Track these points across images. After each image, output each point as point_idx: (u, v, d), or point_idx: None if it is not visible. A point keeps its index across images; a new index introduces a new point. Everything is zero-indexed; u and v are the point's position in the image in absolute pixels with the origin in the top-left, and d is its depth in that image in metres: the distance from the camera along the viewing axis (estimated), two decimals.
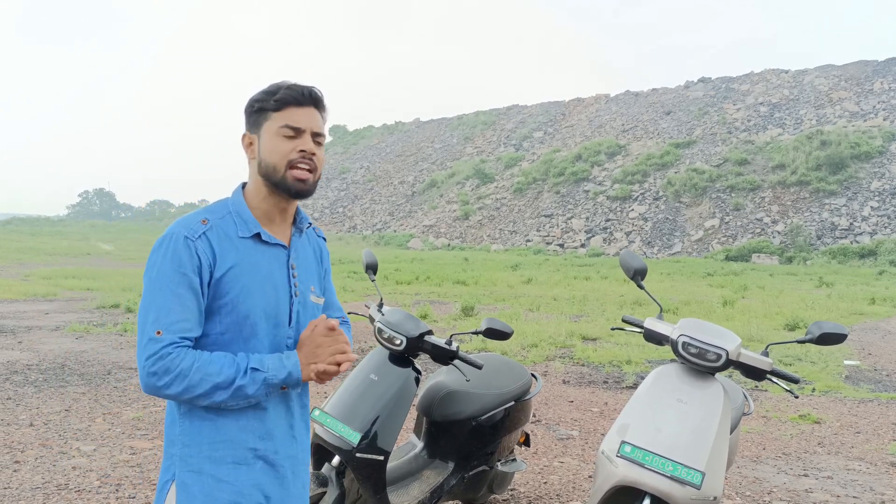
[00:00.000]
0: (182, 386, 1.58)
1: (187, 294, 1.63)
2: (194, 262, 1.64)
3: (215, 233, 1.69)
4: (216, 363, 1.62)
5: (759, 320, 12.29)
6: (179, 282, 1.63)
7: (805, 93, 48.74)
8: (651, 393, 2.68)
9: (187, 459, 1.69)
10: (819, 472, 4.84)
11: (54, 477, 4.31)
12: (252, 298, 1.71)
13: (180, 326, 1.61)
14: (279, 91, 1.74)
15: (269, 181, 1.74)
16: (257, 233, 1.75)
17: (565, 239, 40.88)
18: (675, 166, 43.54)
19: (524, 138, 59.37)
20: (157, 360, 1.58)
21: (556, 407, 6.45)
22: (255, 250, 1.74)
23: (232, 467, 1.70)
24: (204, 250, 1.66)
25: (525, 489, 4.31)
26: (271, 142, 1.73)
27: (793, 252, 32.70)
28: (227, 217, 1.74)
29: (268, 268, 1.76)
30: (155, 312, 1.61)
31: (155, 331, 1.59)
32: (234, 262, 1.70)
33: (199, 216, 1.72)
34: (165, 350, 1.58)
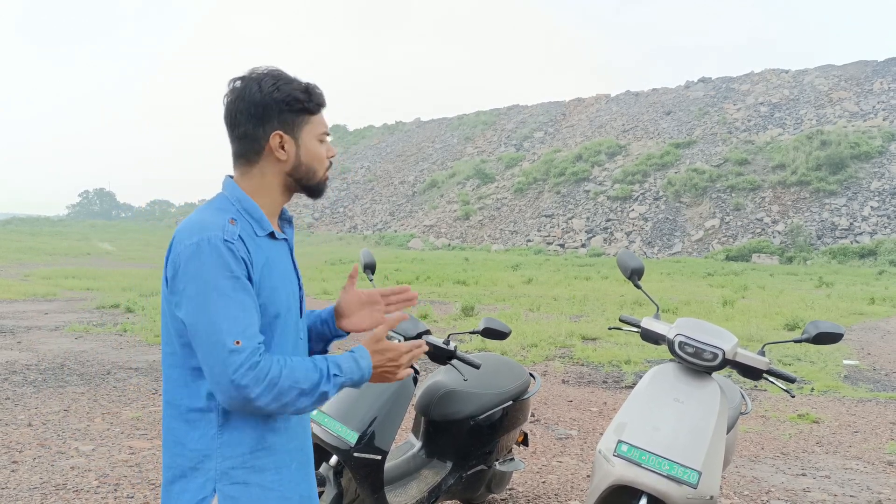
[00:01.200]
0: (273, 394, 1.52)
1: (247, 298, 1.56)
2: (241, 265, 1.57)
3: (244, 234, 1.62)
4: (300, 368, 1.57)
5: (759, 320, 12.28)
6: (234, 286, 1.54)
7: (805, 93, 48.72)
8: (648, 392, 2.69)
9: (230, 472, 1.61)
10: (817, 471, 4.85)
11: (52, 477, 4.31)
12: (279, 297, 1.67)
13: (253, 331, 1.54)
14: (314, 94, 1.70)
15: (299, 183, 1.73)
16: (271, 231, 1.70)
17: (566, 239, 40.87)
18: (676, 166, 43.53)
19: (525, 138, 59.36)
20: (247, 370, 1.49)
21: (555, 406, 6.46)
22: (271, 248, 1.69)
23: (274, 473, 1.66)
24: (243, 252, 1.59)
25: (524, 489, 4.32)
26: (314, 147, 1.71)
27: (793, 252, 32.69)
28: (239, 216, 1.66)
29: (283, 264, 1.73)
30: (225, 324, 1.51)
31: (233, 341, 1.50)
32: (262, 262, 1.64)
33: (222, 216, 1.62)
34: (251, 359, 1.50)
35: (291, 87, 1.66)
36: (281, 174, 1.71)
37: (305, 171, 1.71)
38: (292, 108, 1.66)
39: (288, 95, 1.65)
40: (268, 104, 1.64)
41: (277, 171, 1.70)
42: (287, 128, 1.67)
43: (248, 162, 1.70)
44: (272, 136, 1.66)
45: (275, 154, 1.68)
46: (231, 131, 1.69)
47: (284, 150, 1.68)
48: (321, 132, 1.72)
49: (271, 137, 1.66)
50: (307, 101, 1.68)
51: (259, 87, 1.64)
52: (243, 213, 1.67)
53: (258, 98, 1.64)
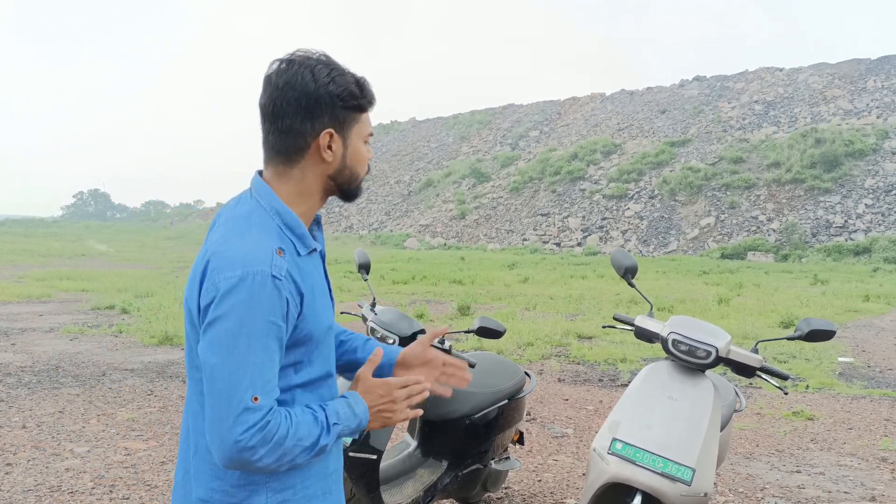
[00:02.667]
0: (276, 455, 1.38)
1: (275, 347, 1.40)
2: (283, 308, 1.39)
3: (289, 262, 1.44)
4: (304, 424, 1.43)
5: (754, 318, 12.32)
6: (269, 333, 1.37)
7: (799, 91, 48.87)
8: (642, 390, 2.69)
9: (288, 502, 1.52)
10: (812, 468, 4.87)
11: (47, 479, 4.30)
12: (320, 322, 1.52)
13: (272, 386, 1.39)
14: (366, 89, 1.53)
15: (340, 187, 1.56)
16: (314, 248, 1.54)
17: (562, 238, 40.92)
18: (671, 165, 43.62)
19: (520, 137, 59.41)
20: (256, 431, 1.34)
21: (551, 405, 6.47)
22: (310, 265, 1.53)
23: (321, 499, 1.57)
24: (290, 290, 1.41)
25: (519, 487, 4.33)
26: (360, 148, 1.55)
27: (788, 250, 32.79)
28: (281, 235, 1.47)
29: (320, 280, 1.57)
30: (249, 374, 1.35)
31: (252, 397, 1.35)
32: (308, 288, 1.48)
33: (269, 243, 1.43)
34: (265, 420, 1.36)
35: (346, 80, 1.49)
36: (323, 176, 1.53)
37: (348, 175, 1.55)
38: (346, 104, 1.49)
39: (344, 90, 1.48)
40: (321, 97, 1.46)
41: (319, 172, 1.52)
42: (338, 126, 1.49)
43: (287, 160, 1.50)
44: (322, 135, 1.48)
45: (321, 154, 1.49)
46: (272, 122, 1.48)
47: (332, 150, 1.50)
48: (367, 133, 1.57)
49: (321, 135, 1.48)
50: (361, 97, 1.51)
51: (313, 75, 1.45)
52: (284, 229, 1.48)
53: (311, 89, 1.45)
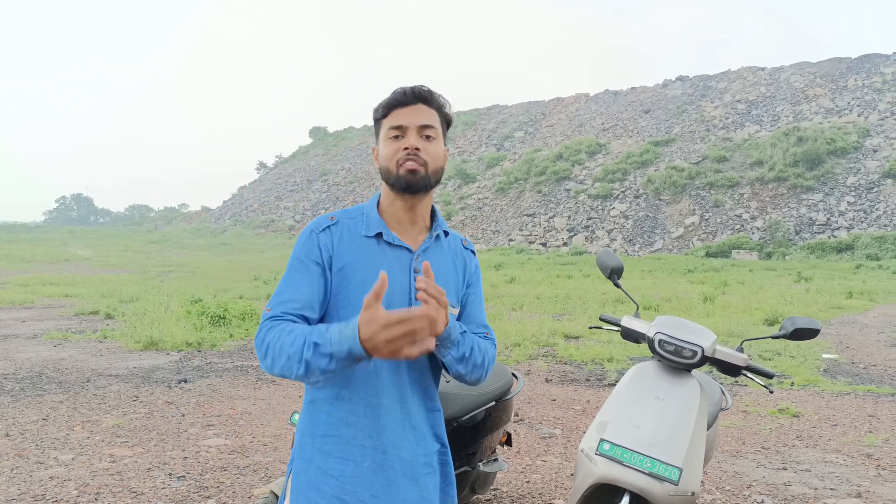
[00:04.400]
0: (270, 357, 1.62)
1: (303, 278, 1.73)
2: (314, 252, 1.76)
3: (340, 228, 1.81)
4: (291, 335, 1.60)
5: (739, 316, 12.40)
6: (298, 268, 1.75)
7: (781, 90, 49.25)
8: (629, 390, 2.70)
9: (302, 448, 1.77)
10: (797, 465, 4.90)
11: (31, 488, 4.25)
12: (363, 288, 1.71)
13: (287, 305, 1.69)
14: (389, 99, 1.83)
15: (388, 183, 1.82)
16: (380, 232, 1.81)
17: (548, 238, 41.00)
18: (655, 164, 43.83)
19: (505, 138, 59.51)
20: (258, 333, 1.66)
21: (539, 406, 6.47)
22: (377, 250, 1.80)
23: (339, 461, 1.73)
24: (325, 242, 1.77)
25: (508, 489, 4.32)
26: (385, 148, 1.82)
27: (772, 247, 33.03)
28: (359, 218, 1.84)
29: (388, 268, 1.76)
30: (277, 293, 1.73)
31: (267, 307, 1.71)
32: (351, 258, 1.77)
33: (331, 214, 1.86)
34: (264, 324, 1.66)
35: (379, 103, 1.85)
36: (382, 180, 1.87)
37: (385, 173, 1.82)
38: (374, 120, 1.88)
39: (375, 112, 1.86)
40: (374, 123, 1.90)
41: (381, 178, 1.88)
42: (376, 138, 1.88)
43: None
44: (372, 150, 1.94)
45: (375, 164, 1.89)
46: None
47: (377, 158, 1.87)
48: (388, 129, 1.81)
49: (372, 151, 1.95)
50: (380, 110, 1.84)
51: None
52: (364, 215, 1.86)
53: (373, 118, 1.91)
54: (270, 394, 6.81)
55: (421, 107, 1.81)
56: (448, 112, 1.89)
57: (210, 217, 75.45)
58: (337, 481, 1.71)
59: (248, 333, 10.35)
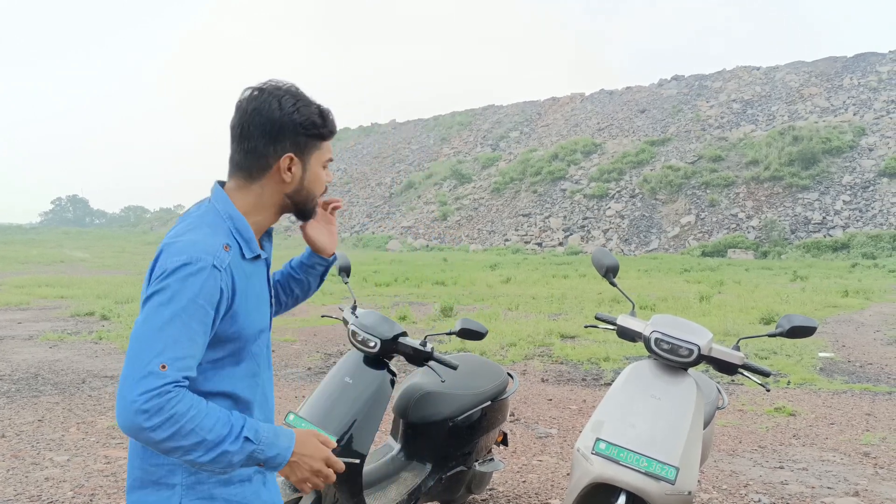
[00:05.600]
0: (169, 432, 1.41)
1: (199, 329, 1.49)
2: (215, 297, 1.51)
3: (233, 260, 1.58)
4: (212, 417, 1.47)
5: (735, 315, 12.41)
6: (194, 314, 1.47)
7: (777, 89, 49.33)
8: (625, 389, 2.69)
9: (195, 487, 1.58)
10: (794, 463, 4.90)
11: (26, 489, 4.24)
12: (252, 323, 1.64)
13: (185, 364, 1.46)
14: (328, 119, 1.70)
15: (296, 206, 1.72)
16: (258, 254, 1.68)
17: (543, 238, 41.02)
18: (651, 164, 43.88)
19: (501, 138, 59.51)
20: (153, 396, 1.40)
21: (535, 405, 6.47)
22: (253, 270, 1.67)
23: (239, 486, 1.64)
24: (227, 282, 1.54)
25: (504, 488, 4.32)
26: (319, 173, 1.72)
27: (767, 247, 33.09)
28: (230, 237, 1.61)
29: (260, 285, 1.71)
30: (162, 343, 1.44)
31: (159, 364, 1.42)
32: (244, 287, 1.61)
33: (216, 238, 1.57)
34: (165, 388, 1.41)
35: (310, 111, 1.65)
36: (280, 195, 1.69)
37: (304, 196, 1.72)
38: (308, 132, 1.65)
39: (307, 119, 1.64)
40: (285, 124, 1.62)
41: (278, 191, 1.68)
42: (298, 151, 1.66)
43: (248, 177, 1.66)
44: (283, 158, 1.64)
45: (281, 175, 1.65)
46: (239, 143, 1.65)
47: (291, 172, 1.66)
48: (327, 159, 1.73)
49: (283, 159, 1.64)
50: (322, 126, 1.68)
51: (279, 104, 1.62)
52: (234, 232, 1.62)
53: (276, 116, 1.61)
54: None
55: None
56: None
57: None
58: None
59: None
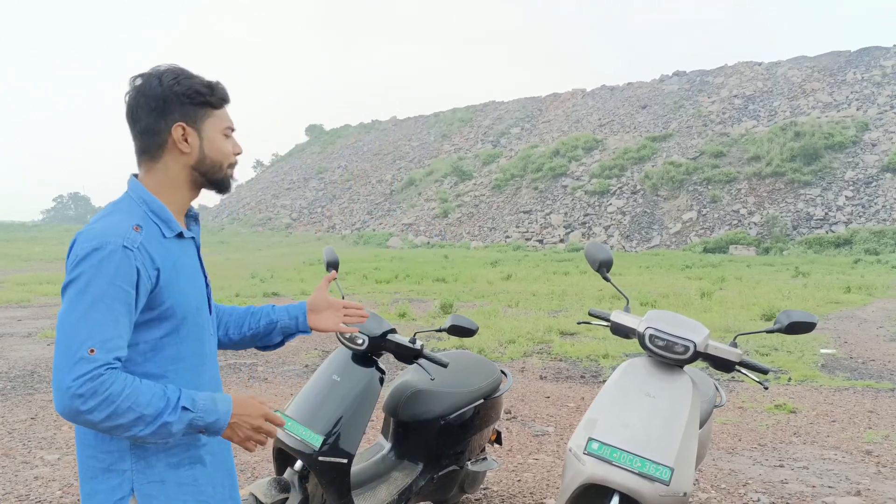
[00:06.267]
0: (107, 412, 1.46)
1: (122, 310, 1.52)
2: (132, 276, 1.54)
3: (148, 240, 1.60)
4: (146, 393, 1.51)
5: (737, 311, 12.32)
6: (115, 296, 1.51)
7: (779, 84, 49.16)
8: (619, 387, 2.62)
9: (145, 471, 1.62)
10: (795, 462, 4.82)
11: (15, 487, 4.18)
12: (186, 298, 1.67)
13: (114, 345, 1.50)
14: (217, 88, 1.71)
15: (205, 177, 1.72)
16: (180, 232, 1.71)
17: (544, 234, 40.92)
18: (653, 160, 43.74)
19: (501, 135, 59.38)
20: (86, 381, 1.45)
21: (533, 403, 6.40)
22: (179, 249, 1.70)
23: (189, 468, 1.67)
24: (143, 261, 1.56)
25: (498, 488, 4.24)
26: (218, 141, 1.71)
27: (769, 243, 32.96)
28: (146, 218, 1.64)
29: (190, 263, 1.73)
30: (88, 329, 1.48)
31: (88, 349, 1.47)
32: (170, 266, 1.64)
33: (127, 221, 1.60)
34: (97, 371, 1.46)
35: (192, 82, 1.67)
36: (186, 168, 1.70)
37: (210, 165, 1.71)
38: (193, 100, 1.67)
39: (189, 88, 1.66)
40: (168, 97, 1.64)
41: (182, 164, 1.69)
42: (189, 120, 1.67)
43: (151, 157, 1.68)
44: (174, 128, 1.65)
45: (178, 147, 1.67)
46: (132, 127, 1.68)
47: (188, 142, 1.67)
48: (225, 126, 1.72)
49: (173, 129, 1.65)
50: (209, 94, 1.68)
51: (159, 81, 1.64)
52: (150, 214, 1.65)
53: (158, 92, 1.64)
54: (261, 392, 6.73)
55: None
56: None
57: (208, 215, 75.31)
58: (193, 487, 1.68)
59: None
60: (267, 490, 2.72)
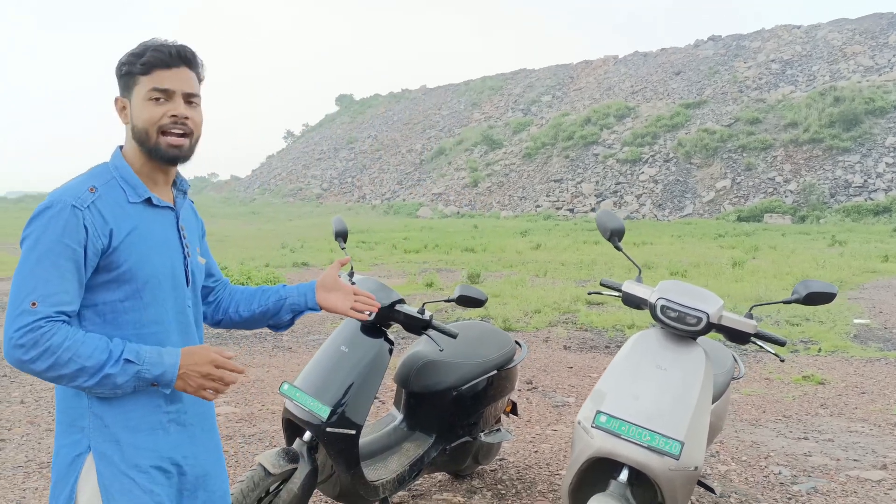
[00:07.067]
0: (48, 363, 1.51)
1: (68, 266, 1.56)
2: (80, 235, 1.57)
3: (105, 201, 1.63)
4: (89, 345, 1.54)
5: (769, 280, 12.09)
6: (61, 253, 1.55)
7: (818, 48, 47.76)
8: (629, 359, 2.55)
9: (102, 430, 1.63)
10: (820, 434, 4.71)
11: (38, 455, 4.26)
12: (150, 264, 1.68)
13: (58, 299, 1.54)
14: (146, 53, 1.67)
15: (142, 147, 1.70)
16: (148, 197, 1.72)
17: (575, 203, 40.53)
18: (686, 127, 42.93)
19: (532, 103, 58.71)
20: (27, 332, 1.51)
21: (555, 373, 6.35)
22: (148, 215, 1.71)
23: (148, 433, 1.67)
24: (93, 221, 1.59)
25: (515, 458, 4.21)
26: (141, 107, 1.68)
27: (806, 211, 32.28)
28: (113, 182, 1.68)
29: (161, 231, 1.74)
30: (32, 283, 1.54)
31: (30, 302, 1.52)
32: (129, 229, 1.65)
33: (84, 183, 1.64)
34: (38, 323, 1.51)
35: (129, 54, 1.69)
36: (131, 139, 1.72)
37: (139, 134, 1.69)
38: (122, 72, 1.70)
39: (120, 62, 1.70)
40: (117, 73, 1.72)
41: (129, 136, 1.73)
42: (125, 92, 1.71)
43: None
44: (115, 102, 1.73)
45: (122, 119, 1.73)
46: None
47: (125, 113, 1.72)
48: (148, 89, 1.67)
49: (114, 103, 1.73)
50: (134, 62, 1.67)
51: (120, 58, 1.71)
52: (119, 179, 1.69)
53: (117, 69, 1.72)
54: (285, 361, 6.78)
55: (185, 70, 1.70)
56: (204, 75, 1.78)
57: (239, 186, 75.95)
58: (152, 451, 1.67)
59: None
60: (275, 460, 2.71)
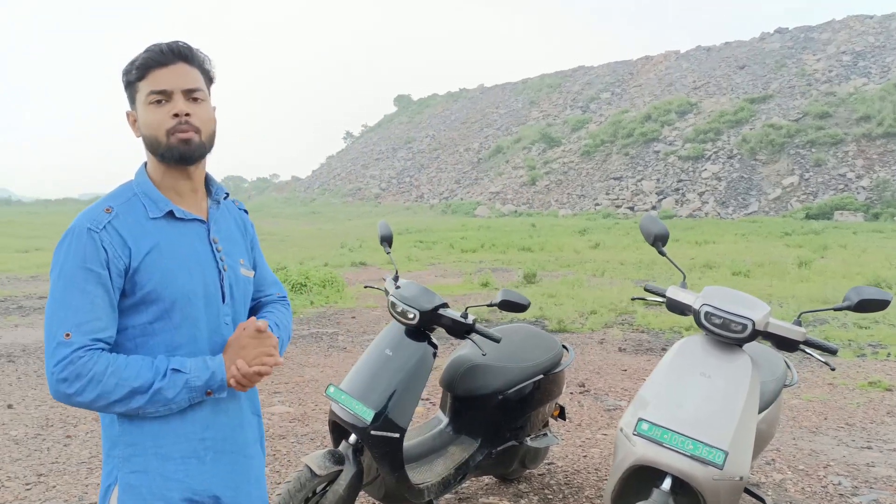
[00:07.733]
0: (96, 392, 1.48)
1: (97, 291, 1.52)
2: (101, 256, 1.53)
3: (122, 220, 1.58)
4: (133, 366, 1.52)
5: (837, 281, 11.68)
6: (86, 279, 1.52)
7: (893, 39, 45.86)
8: (673, 366, 2.51)
9: (131, 459, 1.59)
10: (884, 444, 4.54)
11: (101, 452, 4.42)
12: (177, 282, 1.60)
13: (91, 327, 1.51)
14: (140, 58, 1.61)
15: (156, 155, 1.64)
16: (170, 210, 1.64)
17: (635, 202, 39.89)
18: (751, 122, 41.78)
19: (591, 100, 58.02)
20: (66, 364, 1.47)
21: (608, 376, 6.27)
22: (172, 229, 1.64)
23: (181, 462, 1.61)
24: (111, 241, 1.54)
25: (563, 463, 4.18)
26: (146, 114, 1.61)
27: (879, 208, 31.03)
28: (134, 200, 1.63)
29: (189, 246, 1.66)
30: (63, 314, 1.50)
31: (63, 333, 1.49)
32: (150, 246, 1.59)
33: (102, 205, 1.60)
34: (76, 354, 1.48)
35: (128, 62, 1.63)
36: (147, 151, 1.68)
37: (150, 142, 1.63)
38: (125, 85, 1.65)
39: (123, 74, 1.65)
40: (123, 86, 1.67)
41: (145, 148, 1.67)
42: (131, 104, 1.66)
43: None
44: (127, 116, 1.68)
45: (135, 133, 1.67)
46: None
47: (136, 125, 1.66)
48: (146, 94, 1.60)
49: (126, 117, 1.68)
50: (129, 71, 1.62)
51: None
52: (140, 195, 1.65)
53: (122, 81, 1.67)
54: (340, 361, 6.88)
55: (182, 66, 1.61)
56: (210, 69, 1.68)
57: (300, 186, 77.26)
58: (183, 483, 1.61)
59: (327, 300, 10.53)
60: (321, 462, 2.76)
